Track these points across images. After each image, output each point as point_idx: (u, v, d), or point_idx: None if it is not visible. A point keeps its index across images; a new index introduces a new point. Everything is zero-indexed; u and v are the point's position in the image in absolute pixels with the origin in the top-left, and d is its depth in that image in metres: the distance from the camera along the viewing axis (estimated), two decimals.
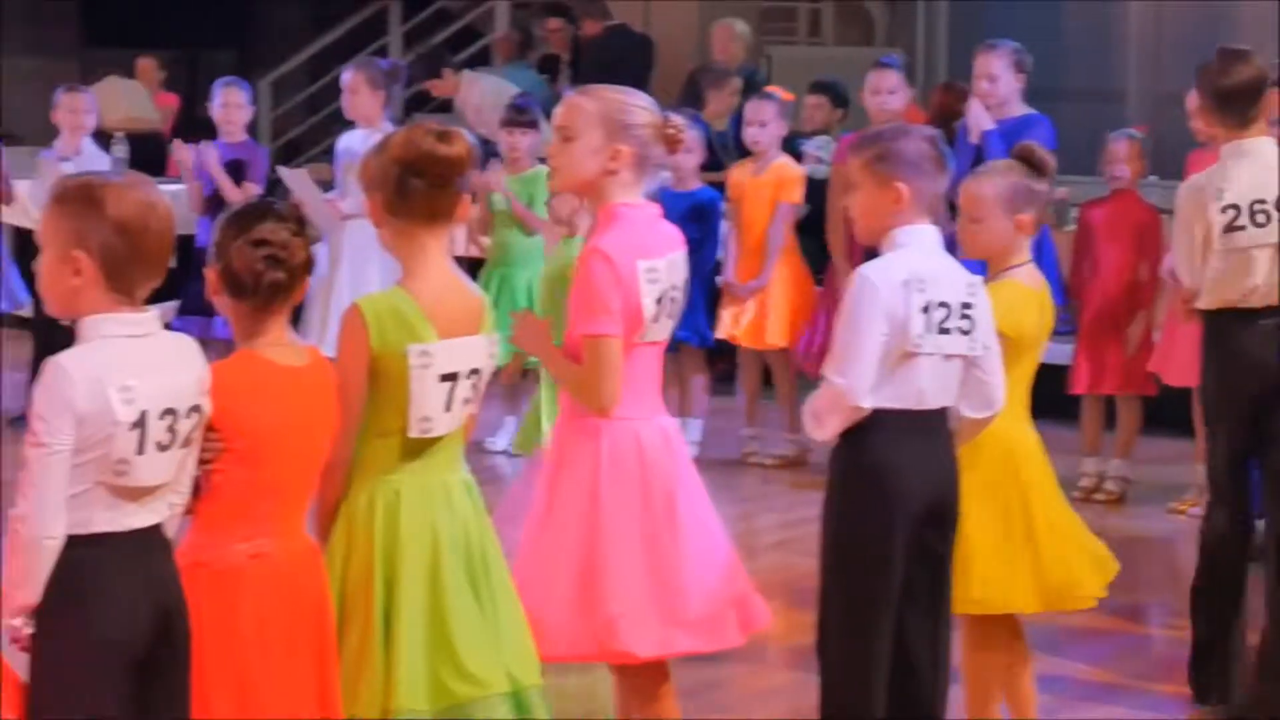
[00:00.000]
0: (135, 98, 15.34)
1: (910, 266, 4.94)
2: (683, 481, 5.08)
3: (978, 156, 8.96)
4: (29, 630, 3.96)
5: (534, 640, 4.72)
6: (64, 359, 3.93)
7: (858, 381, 4.88)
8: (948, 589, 5.09)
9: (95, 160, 10.45)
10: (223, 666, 4.22)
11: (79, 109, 10.69)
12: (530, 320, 5.18)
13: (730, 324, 10.22)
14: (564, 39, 15.10)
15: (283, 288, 4.31)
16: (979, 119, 9.29)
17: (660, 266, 4.99)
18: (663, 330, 5.06)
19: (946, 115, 10.31)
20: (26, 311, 11.08)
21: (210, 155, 10.57)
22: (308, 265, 4.36)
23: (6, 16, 17.95)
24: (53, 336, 9.79)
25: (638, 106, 5.06)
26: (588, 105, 5.04)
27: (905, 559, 4.97)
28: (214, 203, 10.35)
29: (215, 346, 8.34)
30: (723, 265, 10.26)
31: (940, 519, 5.03)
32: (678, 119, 5.15)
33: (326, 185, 10.61)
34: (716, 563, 5.10)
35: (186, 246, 9.82)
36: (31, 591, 3.93)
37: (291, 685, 4.30)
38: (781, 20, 16.29)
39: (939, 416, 5.03)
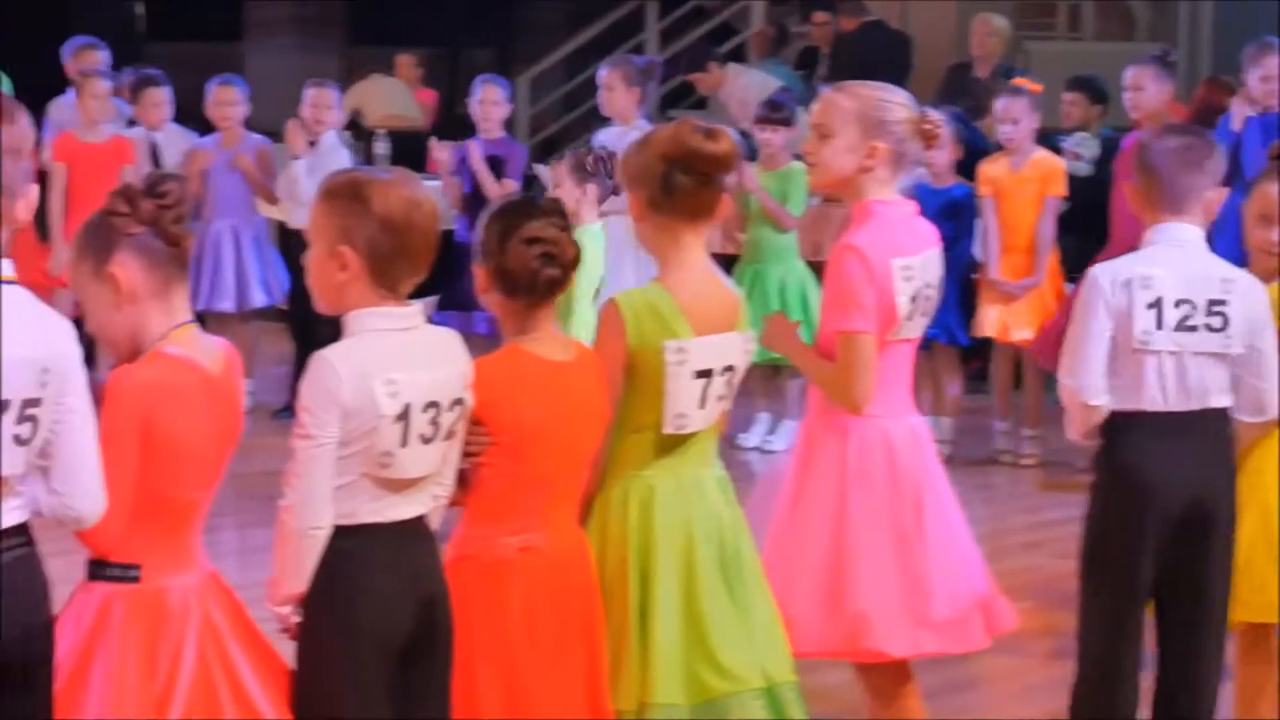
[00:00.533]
0: (397, 95, 15.58)
1: (1141, 263, 4.93)
2: (930, 481, 5.05)
3: (1235, 149, 8.83)
4: (296, 619, 4.05)
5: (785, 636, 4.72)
6: (330, 353, 4.00)
7: (1084, 380, 4.92)
8: (1212, 595, 5.01)
9: (333, 154, 10.62)
10: (492, 660, 4.27)
11: (320, 104, 10.85)
12: (780, 321, 5.19)
13: (1010, 322, 10.04)
14: (826, 34, 15.08)
15: (557, 284, 4.35)
16: (1242, 112, 9.16)
17: (915, 264, 4.97)
18: (916, 328, 5.04)
19: (1210, 110, 10.14)
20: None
21: (475, 151, 10.70)
22: (577, 260, 4.39)
23: (275, 16, 18.37)
24: (309, 329, 10.03)
25: (894, 103, 5.04)
26: (844, 102, 5.03)
27: (1161, 563, 4.92)
28: (472, 199, 10.48)
29: (475, 342, 8.43)
30: (985, 262, 10.14)
31: (1202, 523, 4.96)
32: (935, 114, 5.12)
33: None
34: (962, 564, 5.06)
35: (445, 242, 9.93)
36: (298, 581, 4.01)
37: (561, 679, 4.32)
38: (1041, 16, 16.12)
39: (1202, 418, 4.96)
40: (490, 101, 10.81)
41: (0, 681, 3.57)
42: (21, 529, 3.63)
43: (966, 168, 10.29)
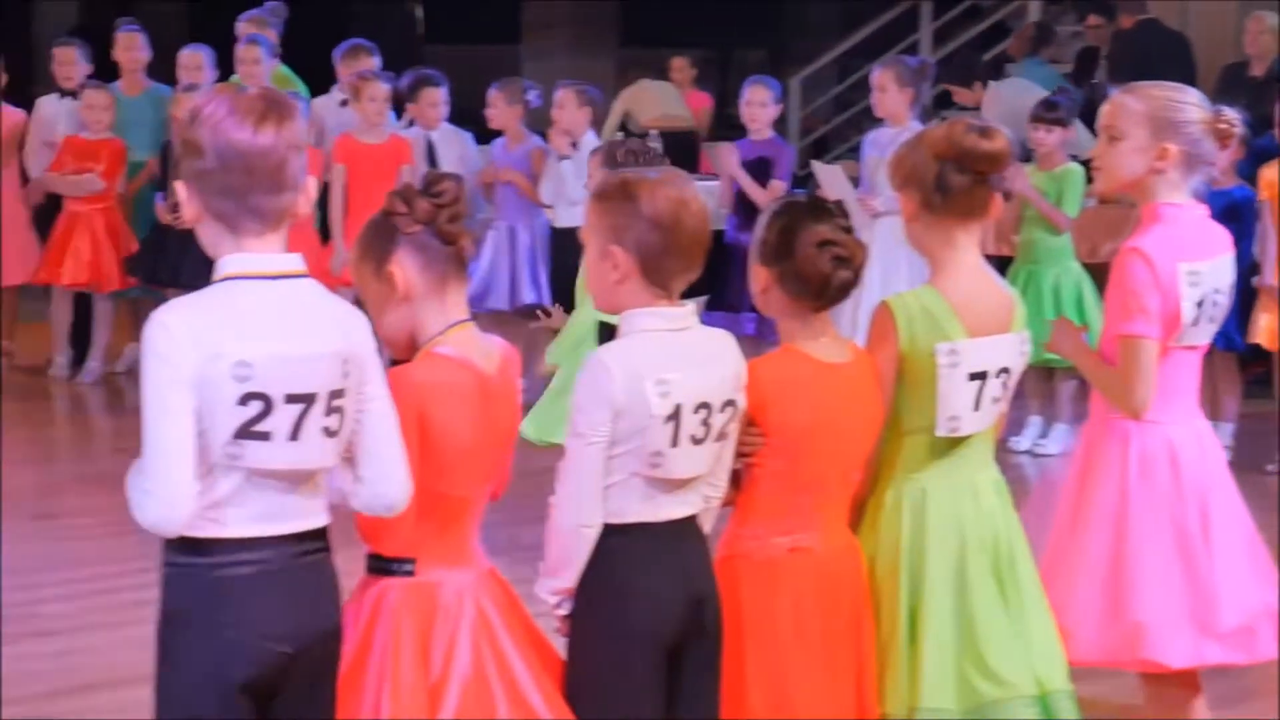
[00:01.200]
0: (667, 97, 15.66)
1: None
2: (1217, 487, 4.95)
3: None
4: (564, 613, 4.08)
5: (1061, 643, 4.65)
6: (604, 353, 4.03)
7: None
8: None
9: None
10: (760, 660, 4.26)
11: (565, 105, 10.90)
12: (1066, 325, 5.12)
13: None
14: (1103, 35, 14.85)
15: (849, 287, 4.31)
16: None
17: (1203, 269, 4.86)
18: (1202, 334, 4.93)
19: None
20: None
21: (730, 156, 10.68)
22: (865, 262, 4.35)
23: (550, 18, 18.55)
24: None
25: (1186, 103, 4.93)
26: (1134, 104, 4.93)
27: None
28: (743, 200, 10.48)
29: (741, 343, 8.45)
30: (1261, 267, 9.91)
31: None
32: (1229, 113, 5.01)
33: (854, 183, 10.65)
34: (1251, 571, 4.96)
35: (715, 242, 9.94)
36: (568, 577, 4.05)
37: (829, 682, 4.31)
38: None
39: None
40: (758, 103, 10.80)
41: (293, 682, 3.63)
42: (322, 533, 3.69)
43: (1245, 168, 10.07)
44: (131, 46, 12.24)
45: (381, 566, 3.98)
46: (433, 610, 3.94)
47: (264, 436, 3.53)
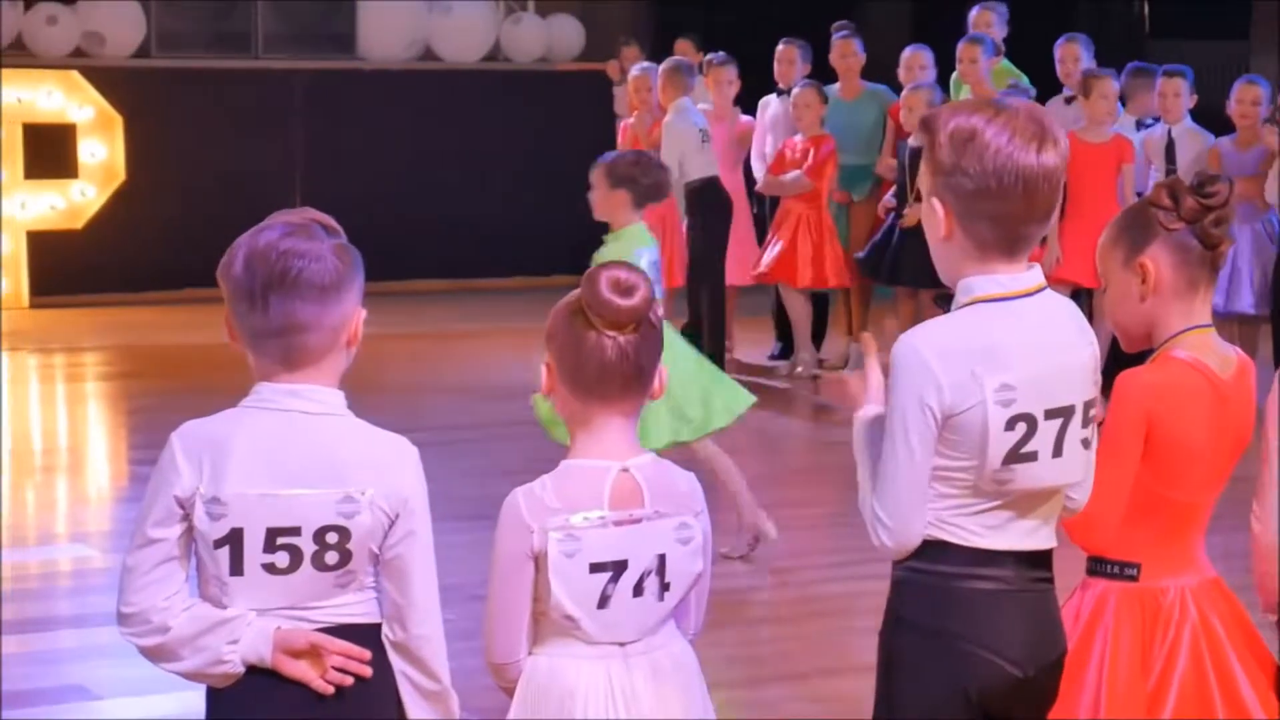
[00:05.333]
0: None
1: None
2: None
3: None
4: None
5: None
6: None
7: None
8: None
9: None
10: None
11: None
12: None
13: None
14: None
15: None
16: None
17: None
18: None
19: None
20: None
21: None
22: None
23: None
24: None
25: None
26: None
27: None
28: None
29: None
30: None
31: None
32: None
33: None
34: None
35: None
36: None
37: None
38: None
39: None
40: None
41: (1022, 707, 3.56)
42: (1050, 556, 3.60)
43: None
44: (846, 53, 12.38)
45: (1104, 569, 3.95)
46: (1155, 616, 3.91)
47: (1031, 457, 3.46)
